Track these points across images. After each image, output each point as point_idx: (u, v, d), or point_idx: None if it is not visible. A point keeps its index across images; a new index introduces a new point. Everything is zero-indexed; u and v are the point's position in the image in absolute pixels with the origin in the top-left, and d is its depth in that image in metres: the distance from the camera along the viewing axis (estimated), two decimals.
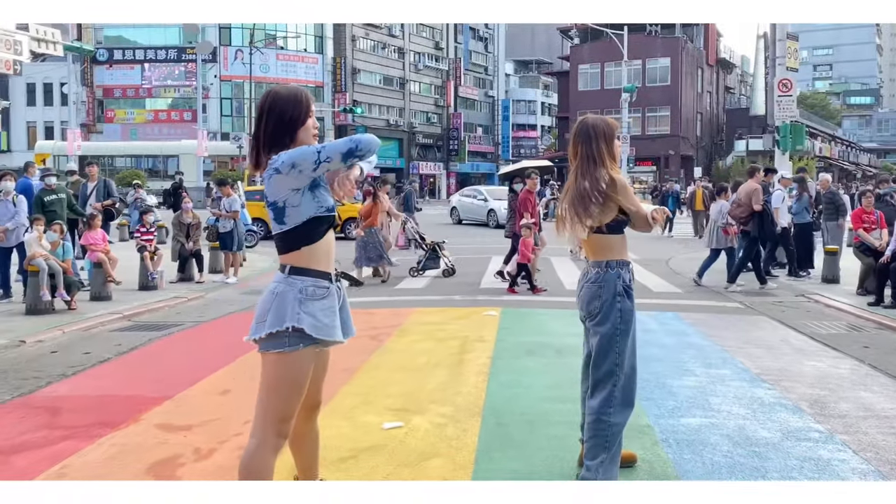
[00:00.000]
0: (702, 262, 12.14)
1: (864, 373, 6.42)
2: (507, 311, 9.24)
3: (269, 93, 3.08)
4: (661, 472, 4.09)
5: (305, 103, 3.06)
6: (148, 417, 5.01)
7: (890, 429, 4.85)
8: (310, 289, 2.98)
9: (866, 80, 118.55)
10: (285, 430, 3.05)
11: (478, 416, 5.00)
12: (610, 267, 3.69)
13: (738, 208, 11.27)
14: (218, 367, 6.41)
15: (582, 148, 3.73)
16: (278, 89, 3.09)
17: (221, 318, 9.27)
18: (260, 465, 2.99)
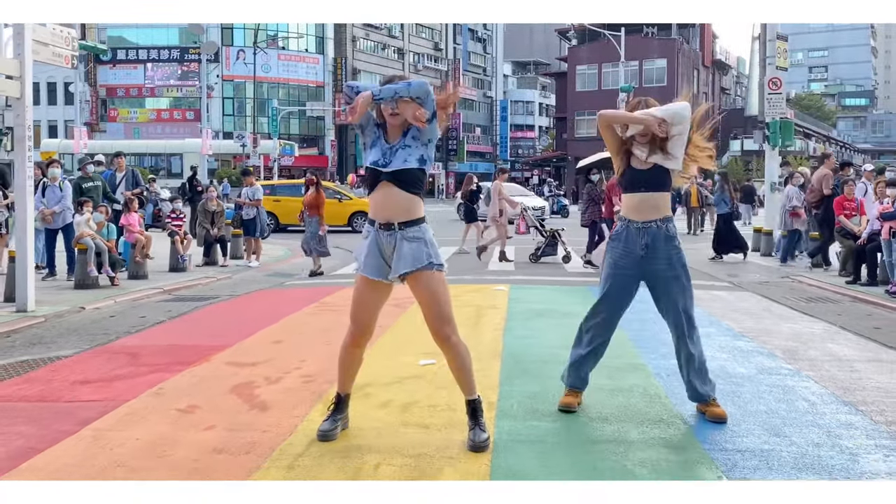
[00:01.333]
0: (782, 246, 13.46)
1: (834, 332, 7.29)
2: (515, 287, 10.09)
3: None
4: (654, 393, 4.95)
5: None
6: (217, 358, 5.86)
7: (849, 368, 5.71)
8: (364, 230, 3.97)
9: (861, 81, 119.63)
10: (352, 328, 3.96)
11: (498, 358, 5.86)
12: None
13: (811, 193, 12.36)
14: (265, 326, 7.26)
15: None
16: None
17: (252, 293, 10.10)
18: (341, 346, 4.04)
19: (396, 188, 3.78)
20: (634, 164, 4.37)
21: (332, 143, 60.56)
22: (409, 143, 3.82)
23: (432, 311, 3.84)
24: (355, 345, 4.00)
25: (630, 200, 4.39)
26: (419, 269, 3.78)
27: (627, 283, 4.42)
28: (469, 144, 71.03)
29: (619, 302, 4.46)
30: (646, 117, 4.25)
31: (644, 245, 4.31)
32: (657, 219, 4.32)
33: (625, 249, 4.36)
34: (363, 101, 3.69)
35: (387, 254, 3.82)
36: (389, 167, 3.78)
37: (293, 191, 23.46)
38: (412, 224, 3.81)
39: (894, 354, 6.27)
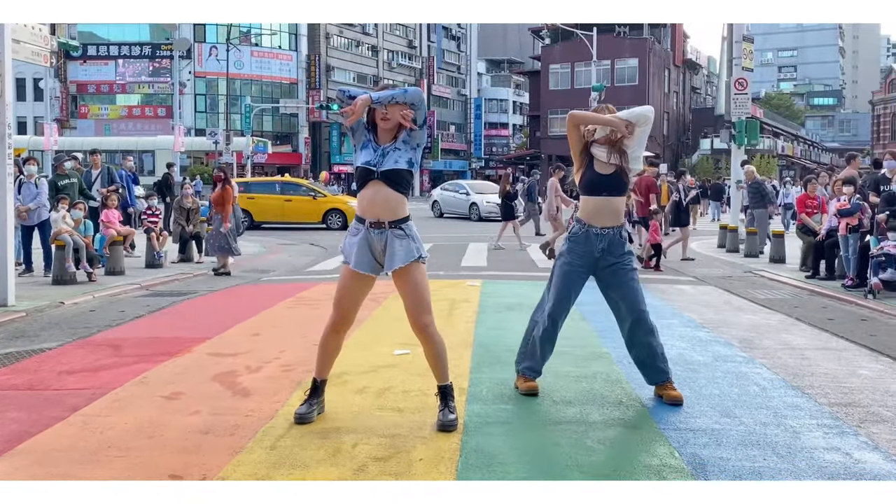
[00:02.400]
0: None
1: (790, 323, 7.66)
2: (488, 282, 10.37)
3: None
4: (615, 378, 5.25)
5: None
6: (198, 350, 6.08)
7: (800, 356, 6.05)
8: (352, 227, 4.21)
9: (829, 81, 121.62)
10: (334, 315, 4.21)
11: (469, 348, 6.14)
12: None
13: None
14: (243, 319, 7.47)
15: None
16: None
17: (229, 288, 10.28)
18: (323, 333, 4.28)
19: (386, 187, 4.05)
20: (597, 167, 4.66)
21: (306, 140, 60.53)
22: (400, 147, 4.10)
23: (414, 301, 4.13)
24: (336, 331, 4.24)
25: (590, 204, 4.68)
26: (409, 263, 4.07)
27: (579, 278, 4.76)
28: (443, 142, 71.30)
29: (569, 294, 4.78)
30: (613, 119, 4.55)
31: (601, 249, 4.65)
32: (615, 225, 4.66)
33: (583, 251, 4.68)
34: (362, 104, 3.95)
35: (377, 250, 4.11)
36: (381, 167, 4.05)
37: (268, 188, 23.63)
38: (400, 222, 4.09)
39: (843, 343, 6.63)
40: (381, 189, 4.05)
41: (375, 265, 4.14)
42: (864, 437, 4.08)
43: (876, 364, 5.84)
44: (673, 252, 13.92)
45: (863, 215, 10.00)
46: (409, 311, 4.16)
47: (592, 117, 4.70)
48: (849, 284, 9.82)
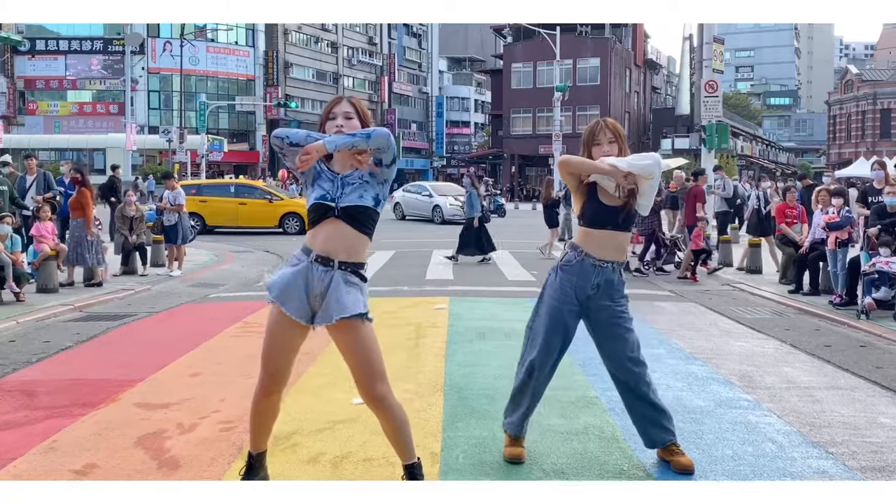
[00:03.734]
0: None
1: (786, 351, 7.04)
2: (455, 300, 9.62)
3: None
4: (610, 434, 4.53)
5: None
6: (125, 397, 5.23)
7: (809, 398, 5.42)
8: (293, 257, 3.39)
9: (785, 81, 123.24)
10: (263, 375, 3.42)
11: (440, 392, 5.38)
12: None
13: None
14: (181, 353, 6.61)
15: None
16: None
17: (172, 308, 9.40)
18: (252, 400, 3.49)
19: (347, 225, 3.28)
20: (602, 197, 3.92)
21: (264, 138, 59.14)
22: (367, 180, 3.34)
23: (364, 367, 3.33)
24: (268, 393, 3.43)
25: (592, 236, 3.94)
26: (352, 317, 3.27)
27: (570, 318, 3.99)
28: (405, 140, 70.39)
29: (556, 338, 4.01)
30: (611, 169, 3.83)
31: (596, 285, 3.92)
32: (616, 261, 3.95)
33: (576, 284, 3.94)
34: (316, 153, 3.19)
35: (314, 292, 3.30)
36: (341, 202, 3.28)
37: (221, 191, 22.63)
38: (355, 266, 3.32)
39: (851, 379, 6.02)
40: (340, 228, 3.29)
41: (305, 311, 3.31)
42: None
43: (894, 408, 5.22)
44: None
45: (852, 229, 9.48)
46: (358, 379, 3.36)
47: (587, 166, 3.93)
48: (837, 302, 9.27)
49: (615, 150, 3.92)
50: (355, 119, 3.39)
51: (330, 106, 3.44)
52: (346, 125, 3.35)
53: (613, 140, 3.94)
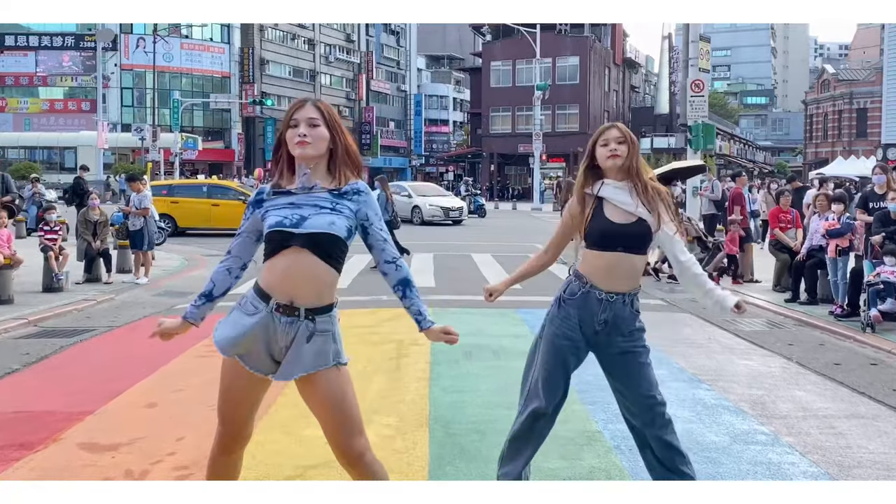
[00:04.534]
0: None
1: (795, 371, 6.57)
2: (438, 311, 9.06)
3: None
4: (618, 478, 4.01)
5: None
6: (69, 436, 4.62)
7: (830, 429, 4.93)
8: (246, 301, 2.82)
9: (762, 80, 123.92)
10: (221, 430, 2.88)
11: (425, 426, 4.83)
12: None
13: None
14: (139, 378, 6.01)
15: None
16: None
17: (135, 322, 8.77)
18: (209, 457, 2.96)
19: (311, 255, 2.72)
20: (609, 213, 3.32)
21: (240, 136, 58.28)
22: (341, 206, 2.78)
23: (336, 422, 2.78)
24: (228, 451, 2.91)
25: (599, 260, 3.33)
26: (320, 370, 2.74)
27: (573, 356, 3.43)
28: (383, 139, 69.79)
29: (558, 378, 3.44)
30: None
31: (603, 321, 3.34)
32: (627, 291, 3.34)
33: (579, 319, 3.36)
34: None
35: (276, 346, 2.77)
36: (303, 227, 2.71)
37: (194, 191, 21.91)
38: (323, 312, 2.77)
39: (870, 405, 5.55)
40: (305, 258, 2.72)
41: (269, 364, 2.79)
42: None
43: None
44: None
45: (853, 236, 9.05)
46: (330, 436, 2.81)
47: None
48: (838, 313, 8.83)
49: (624, 150, 3.33)
50: (322, 127, 2.78)
51: (291, 110, 2.81)
52: (311, 134, 2.75)
53: (623, 140, 3.34)
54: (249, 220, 2.88)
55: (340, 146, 2.82)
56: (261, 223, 2.82)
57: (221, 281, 2.93)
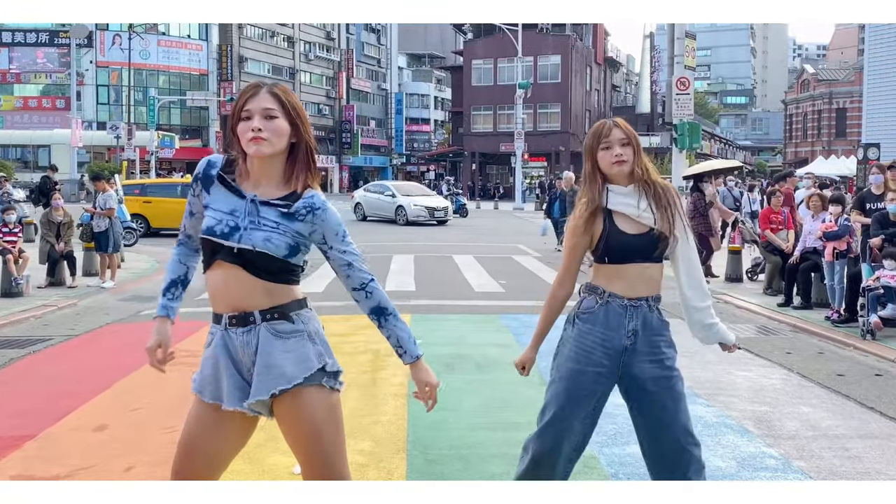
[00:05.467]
0: None
1: (797, 384, 6.18)
2: (418, 318, 8.60)
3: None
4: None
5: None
6: (4, 466, 4.12)
7: (843, 451, 4.54)
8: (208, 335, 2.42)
9: (742, 80, 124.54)
10: (172, 469, 2.39)
11: (402, 452, 4.37)
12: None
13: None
14: (91, 396, 5.50)
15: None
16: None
17: (95, 330, 8.26)
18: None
19: (243, 271, 2.29)
20: (621, 224, 2.86)
21: (218, 134, 57.42)
22: (277, 221, 2.31)
23: (311, 458, 2.32)
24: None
25: (613, 273, 2.89)
26: (303, 385, 2.29)
27: (599, 386, 2.89)
28: (363, 137, 69.13)
29: (577, 411, 2.88)
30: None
31: (632, 332, 2.85)
32: (651, 295, 2.88)
33: (604, 336, 2.86)
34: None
35: (244, 365, 2.33)
36: (232, 239, 2.28)
37: (167, 191, 21.32)
38: (283, 309, 2.32)
39: (882, 422, 5.16)
40: (235, 274, 2.29)
41: (246, 389, 2.32)
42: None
43: None
44: None
45: (851, 238, 8.70)
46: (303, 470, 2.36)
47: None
48: (835, 318, 8.47)
49: (630, 153, 2.89)
50: (280, 118, 2.29)
51: (243, 98, 2.31)
52: (267, 128, 2.26)
53: (627, 142, 2.89)
54: (195, 198, 2.43)
55: (302, 146, 2.35)
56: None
57: (193, 261, 2.54)
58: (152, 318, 2.53)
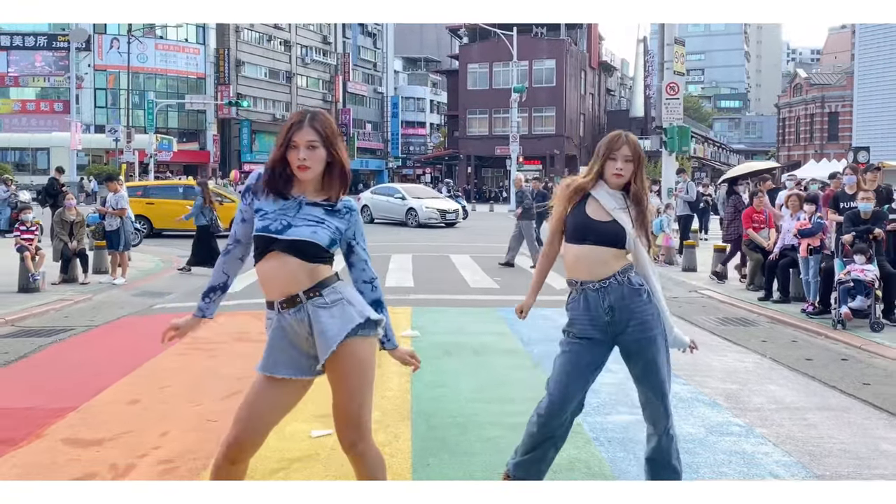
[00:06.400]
0: None
1: (768, 366, 6.72)
2: (418, 310, 9.13)
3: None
4: (598, 471, 4.10)
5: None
6: (52, 432, 4.64)
7: (802, 421, 5.07)
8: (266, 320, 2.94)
9: (735, 84, 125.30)
10: (233, 439, 2.87)
11: (407, 420, 4.90)
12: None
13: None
14: (121, 376, 6.02)
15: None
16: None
17: (113, 322, 8.75)
18: (213, 466, 2.94)
19: (292, 258, 2.81)
20: (590, 210, 3.41)
21: (215, 137, 57.94)
22: (321, 219, 2.86)
23: (345, 399, 2.85)
24: (233, 461, 2.86)
25: (570, 252, 3.45)
26: (351, 337, 2.81)
27: (590, 355, 3.42)
28: (359, 141, 69.66)
29: (573, 369, 3.41)
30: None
31: (608, 308, 3.37)
32: (613, 274, 3.39)
33: (589, 316, 3.40)
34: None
35: (301, 341, 2.84)
36: (288, 233, 2.80)
37: (169, 192, 21.79)
38: (321, 286, 2.83)
39: (841, 398, 5.70)
40: (286, 262, 2.81)
41: (303, 361, 2.85)
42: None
43: (893, 432, 4.89)
44: None
45: (824, 235, 9.24)
46: (335, 411, 2.88)
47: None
48: (810, 311, 9.01)
49: (630, 169, 3.38)
50: (320, 147, 2.82)
51: (289, 129, 2.84)
52: (310, 157, 2.81)
53: (630, 159, 3.38)
54: (248, 207, 2.94)
55: (337, 165, 2.88)
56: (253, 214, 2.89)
57: (234, 270, 3.03)
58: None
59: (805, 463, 4.27)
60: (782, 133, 71.20)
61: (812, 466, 4.22)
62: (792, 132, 68.72)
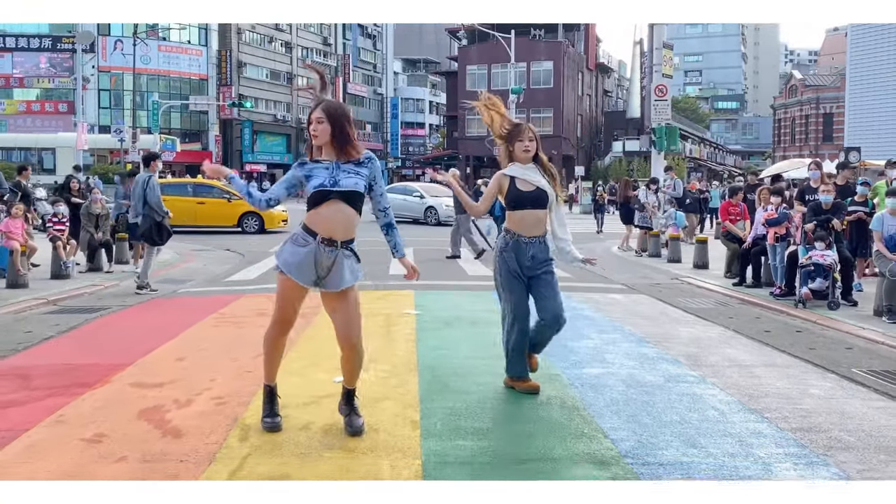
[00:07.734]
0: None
1: (730, 336, 7.63)
2: (420, 293, 10.03)
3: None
4: (571, 405, 5.02)
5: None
6: (118, 379, 5.55)
7: (749, 374, 5.98)
8: (298, 237, 4.12)
9: (732, 85, 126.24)
10: (275, 327, 4.29)
11: (414, 371, 5.81)
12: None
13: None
14: (165, 341, 6.93)
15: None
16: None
17: (143, 303, 9.64)
18: (265, 336, 4.37)
19: (346, 205, 4.08)
20: (520, 185, 5.07)
21: (217, 138, 58.83)
22: (357, 170, 4.17)
23: (349, 321, 4.20)
24: (283, 332, 4.34)
25: (516, 216, 5.09)
26: (352, 283, 4.17)
27: (520, 281, 5.12)
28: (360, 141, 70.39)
29: (523, 295, 5.16)
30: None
31: (531, 256, 5.07)
32: (541, 235, 5.10)
33: (517, 259, 5.07)
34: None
35: (322, 266, 4.09)
36: (339, 186, 4.06)
37: (179, 190, 22.68)
38: (350, 243, 4.17)
39: (787, 358, 6.61)
40: (341, 207, 4.07)
41: (312, 279, 4.15)
42: (835, 468, 3.95)
43: (824, 382, 5.81)
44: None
45: (790, 224, 10.15)
46: (341, 329, 4.21)
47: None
48: (777, 293, 9.93)
49: (534, 146, 5.11)
50: (325, 123, 4.09)
51: (311, 109, 4.17)
52: (317, 129, 4.10)
53: (532, 139, 5.12)
54: (291, 175, 4.21)
55: (337, 136, 4.14)
56: (303, 180, 4.14)
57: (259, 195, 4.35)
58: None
59: (743, 401, 5.17)
60: (778, 134, 72.11)
61: (748, 403, 5.12)
62: (787, 133, 69.61)
